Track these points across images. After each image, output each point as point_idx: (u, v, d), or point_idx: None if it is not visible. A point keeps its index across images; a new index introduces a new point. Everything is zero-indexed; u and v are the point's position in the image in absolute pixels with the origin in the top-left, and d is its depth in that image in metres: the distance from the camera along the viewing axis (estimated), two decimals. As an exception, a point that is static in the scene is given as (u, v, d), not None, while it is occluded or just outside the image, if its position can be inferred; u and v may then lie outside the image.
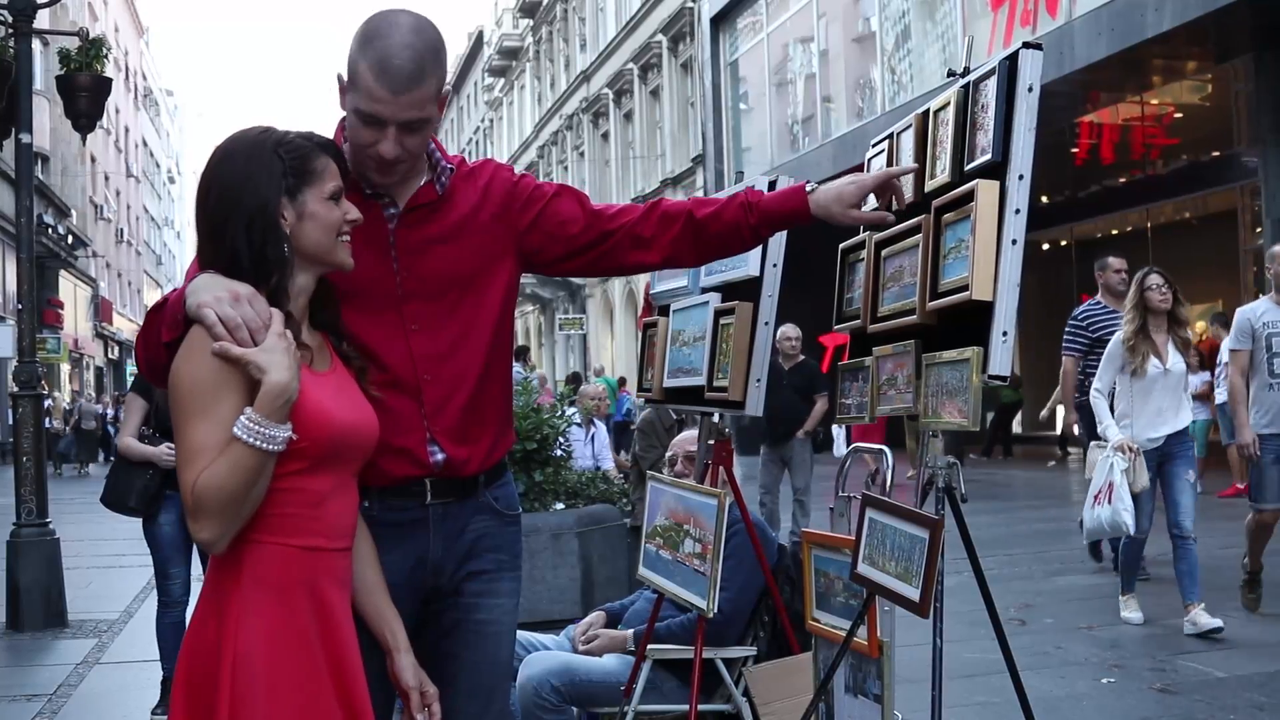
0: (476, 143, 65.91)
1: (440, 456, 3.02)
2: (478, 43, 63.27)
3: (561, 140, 47.57)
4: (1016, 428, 25.42)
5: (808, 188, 3.21)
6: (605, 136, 42.03)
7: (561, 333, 44.88)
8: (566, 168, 47.06)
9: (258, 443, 2.44)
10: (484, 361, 3.11)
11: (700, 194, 30.12)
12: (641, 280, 34.93)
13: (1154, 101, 20.43)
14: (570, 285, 44.63)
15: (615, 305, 40.90)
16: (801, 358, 12.31)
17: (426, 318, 3.00)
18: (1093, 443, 8.41)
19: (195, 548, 6.74)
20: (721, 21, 30.18)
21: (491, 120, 62.26)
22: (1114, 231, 24.40)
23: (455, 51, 63.68)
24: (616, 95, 40.24)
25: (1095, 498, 7.78)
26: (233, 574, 2.53)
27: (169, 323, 2.62)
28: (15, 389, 9.88)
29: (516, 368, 15.07)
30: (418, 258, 3.02)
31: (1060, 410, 12.18)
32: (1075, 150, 22.26)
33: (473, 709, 3.14)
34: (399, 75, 2.83)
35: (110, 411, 34.30)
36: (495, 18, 59.15)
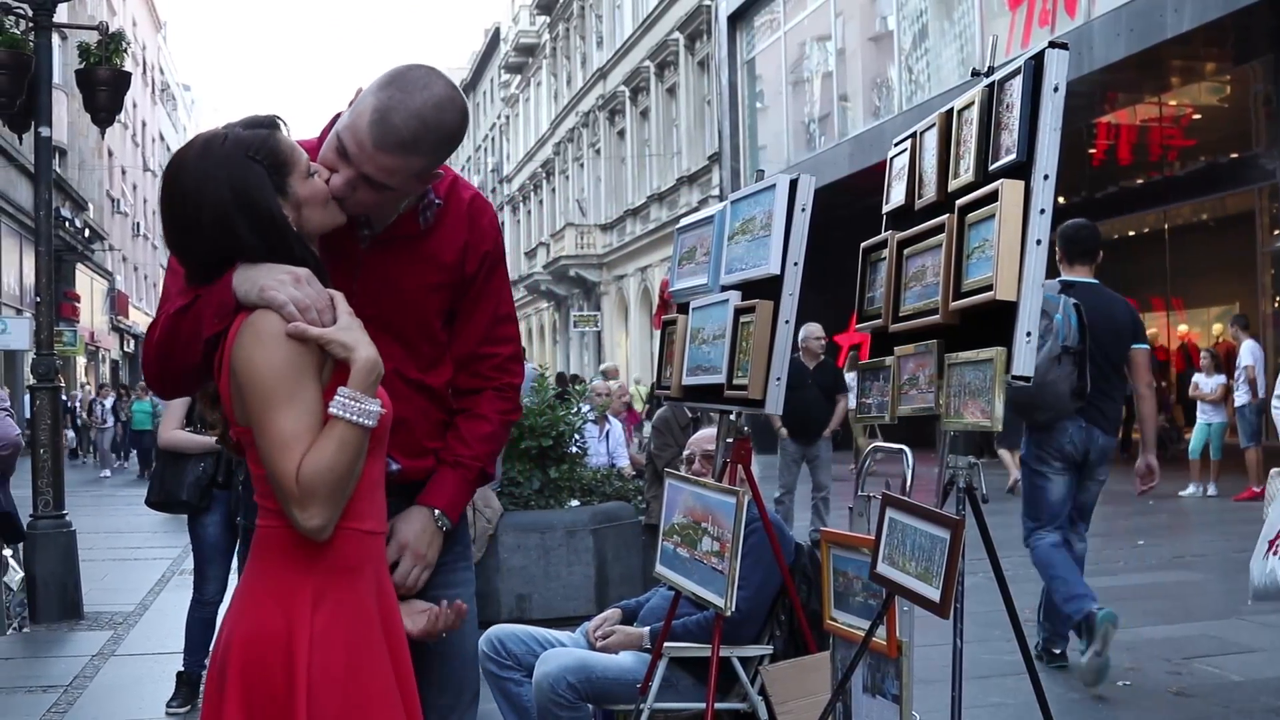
0: (492, 139, 65.97)
1: (395, 467, 3.04)
2: (494, 39, 63.31)
3: (577, 137, 47.59)
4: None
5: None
6: (621, 134, 42.03)
7: (576, 330, 44.89)
8: (582, 165, 47.09)
9: (358, 419, 2.44)
10: (430, 383, 3.15)
11: (716, 192, 30.13)
12: (657, 278, 34.97)
13: (1172, 102, 20.38)
14: (585, 282, 44.67)
15: (630, 303, 40.91)
16: (823, 357, 12.36)
17: (377, 342, 2.80)
18: (1273, 470, 6.20)
19: (235, 551, 6.78)
20: (738, 20, 30.17)
21: (507, 117, 62.29)
22: (1130, 232, 24.34)
23: (472, 48, 63.77)
24: (633, 93, 40.23)
25: (1271, 545, 5.83)
26: (297, 561, 2.50)
27: (215, 314, 2.55)
28: (33, 381, 9.90)
29: (530, 366, 15.09)
30: (381, 285, 3.01)
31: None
32: (1092, 151, 22.22)
33: (445, 702, 3.18)
34: (389, 133, 2.75)
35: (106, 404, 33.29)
36: (512, 14, 59.21)
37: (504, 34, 60.89)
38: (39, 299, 10.15)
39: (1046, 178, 3.14)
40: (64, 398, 35.84)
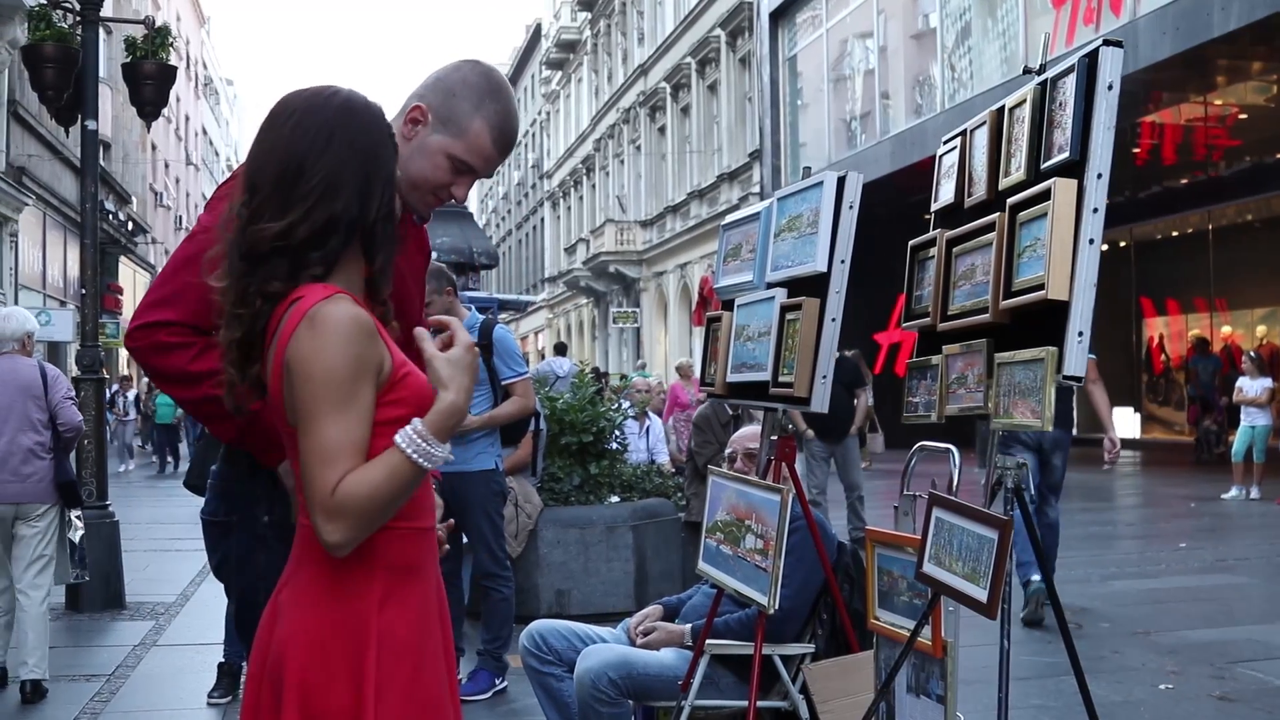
0: (533, 135, 66.06)
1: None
2: (535, 35, 63.43)
3: (618, 134, 47.59)
4: (1075, 429, 25.24)
5: None
6: (662, 130, 41.99)
7: (615, 326, 44.87)
8: (623, 161, 47.09)
9: (419, 458, 2.28)
10: None
11: (756, 189, 30.09)
12: (696, 275, 34.87)
13: (1218, 102, 20.20)
14: (625, 279, 44.64)
15: (669, 299, 40.88)
16: (843, 353, 12.24)
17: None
18: None
19: None
20: (780, 17, 30.10)
21: (548, 113, 62.39)
22: (1174, 233, 24.21)
23: (513, 44, 63.85)
24: (674, 89, 40.19)
25: None
26: (362, 560, 2.36)
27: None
28: (78, 372, 9.98)
29: (566, 362, 15.12)
30: (396, 276, 3.05)
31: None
32: (1136, 150, 22.06)
33: None
34: (511, 141, 2.96)
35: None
36: (553, 10, 59.27)
37: (545, 30, 60.98)
38: (84, 291, 10.23)
39: (1100, 176, 3.12)
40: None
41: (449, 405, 2.32)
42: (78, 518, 7.41)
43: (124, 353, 42.41)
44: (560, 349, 27.06)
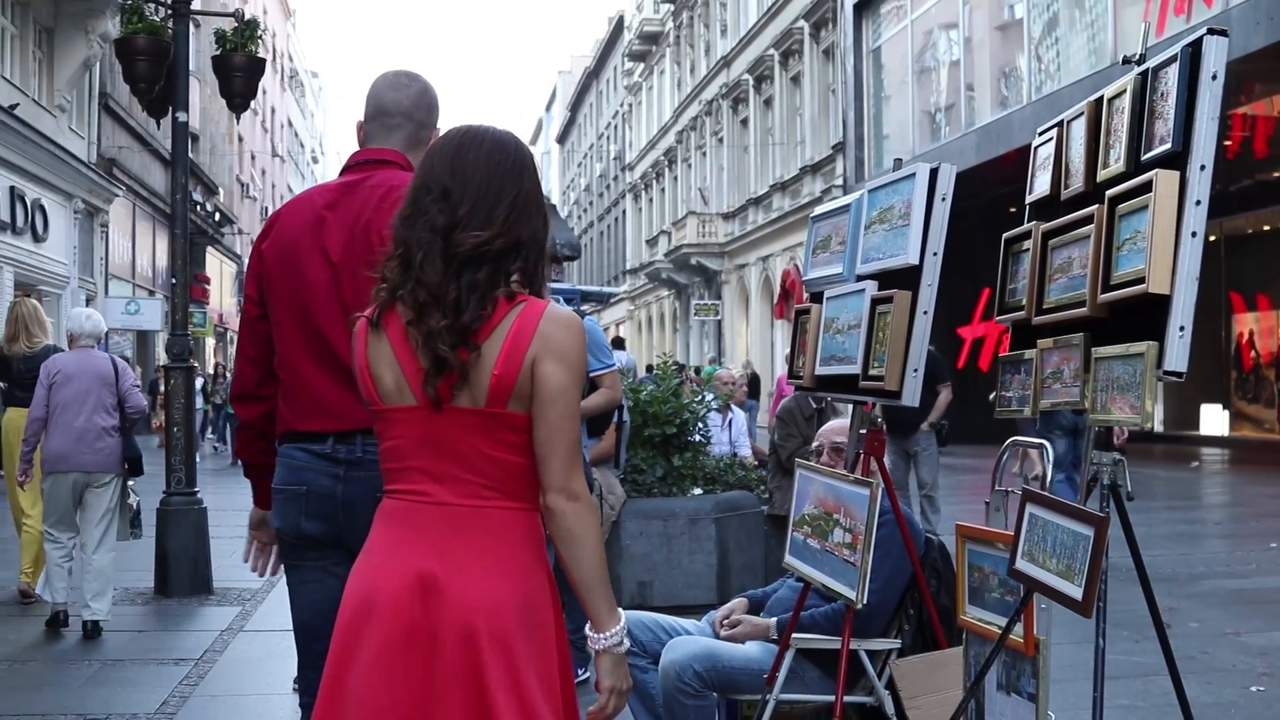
0: (615, 127, 66.16)
1: None
2: (618, 27, 63.50)
3: (700, 126, 47.54)
4: (1157, 427, 24.92)
5: None
6: (745, 123, 41.91)
7: (696, 318, 44.82)
8: (705, 153, 47.04)
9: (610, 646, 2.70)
10: None
11: (839, 181, 29.95)
12: (778, 268, 34.75)
13: (1313, 94, 19.83)
14: (706, 271, 44.62)
15: (751, 292, 40.81)
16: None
17: None
18: None
19: None
20: (864, 8, 29.92)
21: (630, 105, 62.43)
22: (1265, 227, 23.80)
23: (595, 36, 63.98)
24: (756, 81, 40.10)
25: None
26: (536, 542, 2.71)
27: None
28: (167, 361, 10.11)
29: (624, 355, 15.08)
30: None
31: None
32: (1227, 143, 21.70)
33: None
34: None
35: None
36: (636, 3, 59.30)
37: (628, 22, 61.04)
38: (174, 281, 10.36)
39: (1203, 168, 3.07)
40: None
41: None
42: (133, 489, 8.59)
43: (210, 341, 43.02)
44: (618, 343, 26.98)
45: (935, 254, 4.24)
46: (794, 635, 4.67)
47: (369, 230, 3.31)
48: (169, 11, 10.26)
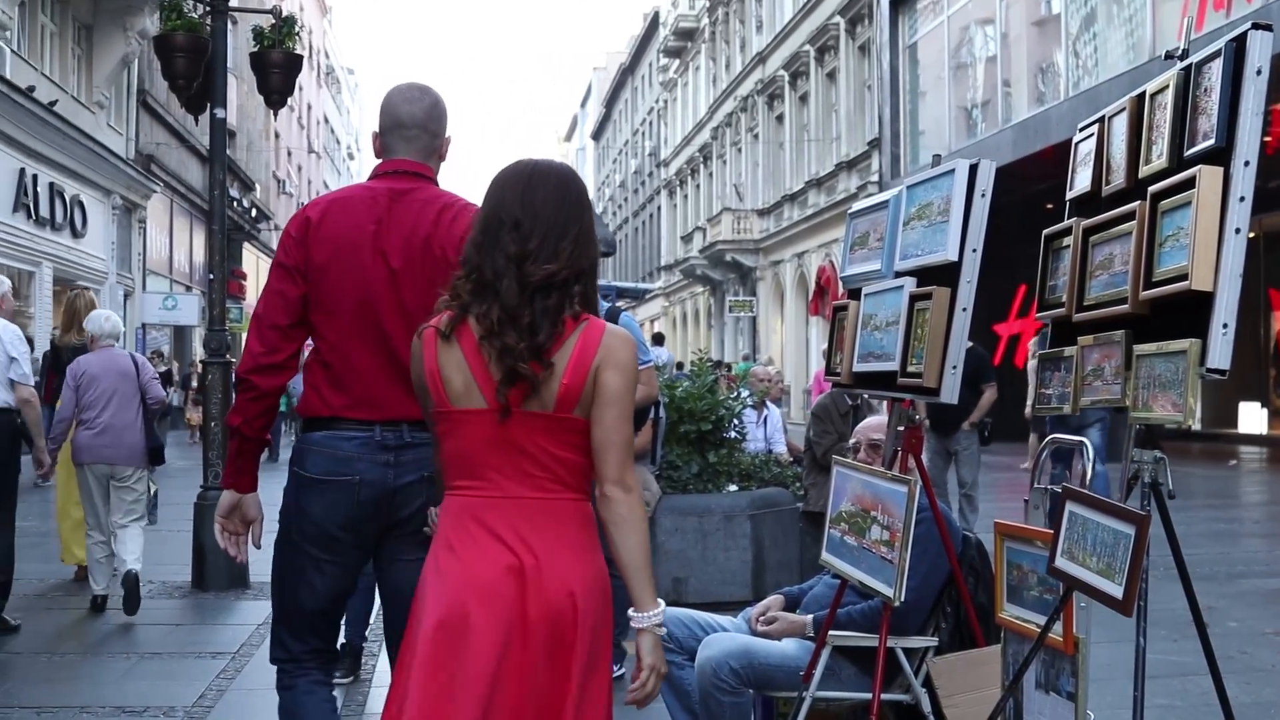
0: (650, 123, 66.12)
1: None
2: (653, 24, 63.45)
3: (735, 122, 47.46)
4: (1195, 425, 24.71)
5: None
6: (780, 119, 41.81)
7: (731, 315, 44.77)
8: (740, 149, 46.96)
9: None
10: None
11: (875, 178, 29.85)
12: (814, 264, 34.63)
13: (1354, 90, 19.65)
14: (741, 267, 44.56)
15: (786, 289, 40.72)
16: (969, 344, 11.92)
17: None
18: None
19: None
20: (901, 4, 29.80)
21: (665, 101, 62.38)
22: (1305, 224, 23.59)
23: (631, 32, 63.92)
24: (792, 77, 40.00)
25: None
26: (593, 529, 3.01)
27: None
28: (205, 356, 10.15)
29: (664, 351, 15.08)
30: None
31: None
32: (1268, 139, 21.52)
33: None
34: None
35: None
36: (671, -1, 59.26)
37: (663, 18, 60.97)
38: (211, 276, 10.39)
39: (1247, 164, 3.05)
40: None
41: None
42: (151, 478, 9.26)
43: (245, 336, 43.22)
44: (658, 339, 26.89)
45: (975, 250, 4.22)
46: (831, 632, 4.65)
47: (428, 243, 3.64)
48: (207, 8, 10.29)
